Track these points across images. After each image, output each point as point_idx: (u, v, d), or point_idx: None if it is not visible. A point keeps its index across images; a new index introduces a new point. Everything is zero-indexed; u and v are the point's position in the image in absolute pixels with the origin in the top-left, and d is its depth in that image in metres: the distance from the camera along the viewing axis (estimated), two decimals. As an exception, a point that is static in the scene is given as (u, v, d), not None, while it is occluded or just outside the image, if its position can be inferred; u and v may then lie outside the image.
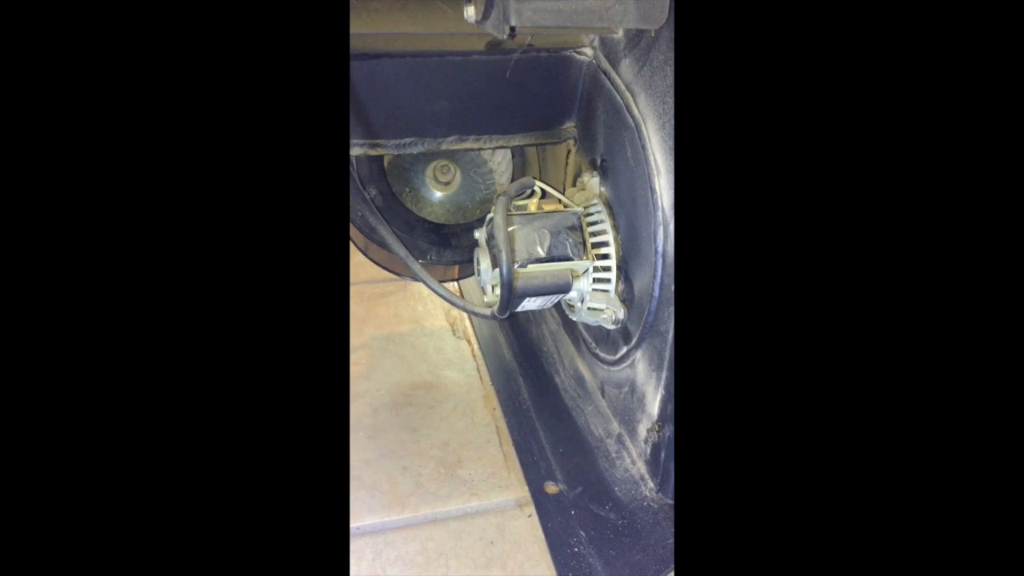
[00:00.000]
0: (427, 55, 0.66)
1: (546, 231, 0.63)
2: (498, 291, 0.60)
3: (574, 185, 0.75)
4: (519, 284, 0.63)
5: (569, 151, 0.79)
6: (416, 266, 0.65)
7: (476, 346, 0.97)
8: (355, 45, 0.63)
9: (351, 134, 0.68)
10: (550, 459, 0.75)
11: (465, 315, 1.05)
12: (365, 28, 0.66)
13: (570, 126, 0.77)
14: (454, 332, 1.01)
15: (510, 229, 0.63)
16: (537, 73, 0.70)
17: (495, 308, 0.64)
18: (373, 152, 0.71)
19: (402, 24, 0.68)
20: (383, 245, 0.77)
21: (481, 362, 0.94)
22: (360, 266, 1.06)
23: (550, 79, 0.71)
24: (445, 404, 0.85)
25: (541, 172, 0.89)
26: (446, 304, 0.98)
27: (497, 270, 0.59)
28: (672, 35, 0.52)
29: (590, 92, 0.70)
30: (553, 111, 0.75)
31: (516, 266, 0.62)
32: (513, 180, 0.89)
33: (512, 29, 0.46)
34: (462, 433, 0.80)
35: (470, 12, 0.48)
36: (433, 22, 0.69)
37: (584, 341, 0.81)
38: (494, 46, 0.67)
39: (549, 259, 0.63)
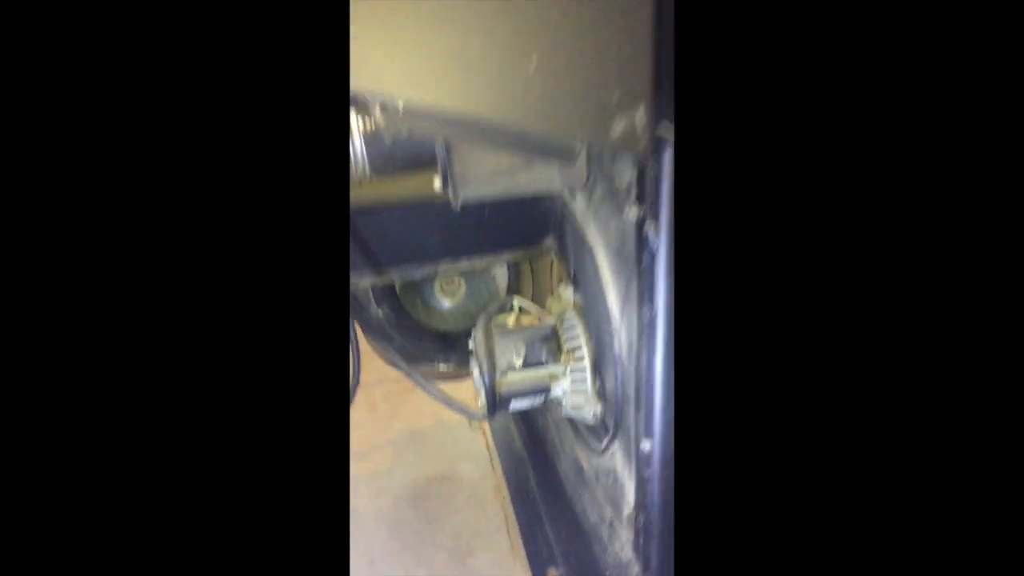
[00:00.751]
0: (420, 204, 0.79)
1: (522, 342, 0.73)
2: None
3: (553, 295, 0.85)
4: (503, 390, 0.72)
5: (552, 263, 0.90)
6: (416, 375, 0.75)
7: (490, 437, 1.06)
8: (360, 200, 0.78)
9: (362, 268, 0.81)
10: (552, 545, 0.81)
11: (482, 407, 1.14)
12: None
13: (549, 243, 0.88)
14: (470, 425, 1.10)
15: (492, 342, 0.73)
16: (516, 205, 0.82)
17: (484, 410, 0.73)
18: (380, 280, 0.84)
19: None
20: (391, 361, 0.89)
21: (494, 453, 1.02)
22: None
23: (527, 208, 0.83)
24: (460, 496, 0.93)
25: (533, 279, 1.00)
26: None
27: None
28: (604, 185, 0.63)
29: (560, 217, 0.82)
30: (533, 232, 0.86)
31: (498, 374, 0.72)
32: (509, 286, 1.00)
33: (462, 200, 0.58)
34: (474, 523, 0.88)
35: (436, 183, 0.61)
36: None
37: (580, 432, 0.88)
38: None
39: (526, 366, 0.72)
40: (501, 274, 1.01)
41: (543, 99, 0.37)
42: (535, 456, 0.97)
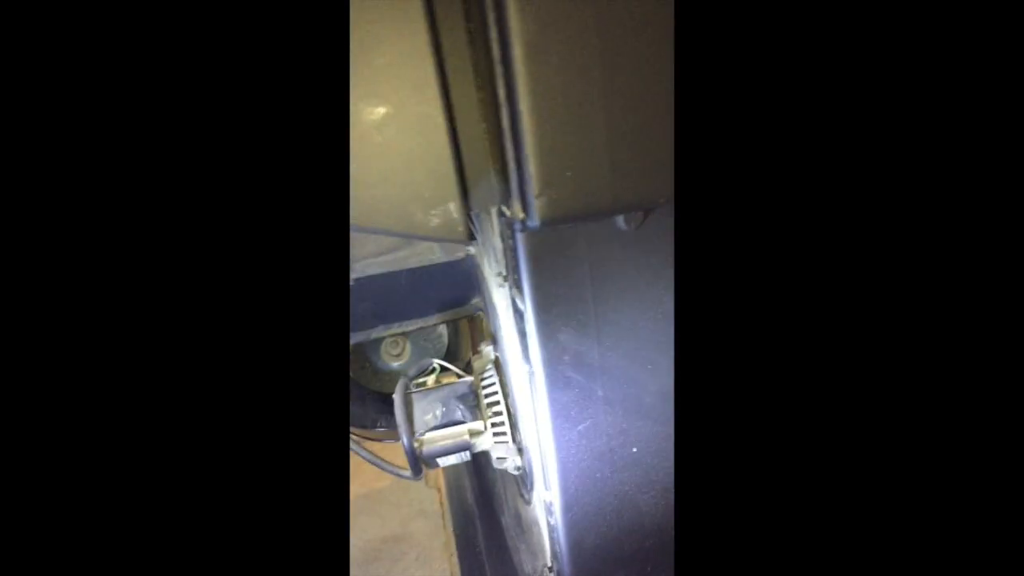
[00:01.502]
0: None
1: (438, 401, 0.77)
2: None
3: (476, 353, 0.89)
4: (424, 449, 0.76)
5: (482, 320, 0.95)
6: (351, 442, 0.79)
7: (444, 493, 1.08)
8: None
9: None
10: (493, 599, 0.83)
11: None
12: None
13: (476, 302, 0.93)
14: (426, 482, 1.13)
15: (410, 404, 0.77)
16: (435, 273, 0.88)
17: (410, 472, 0.77)
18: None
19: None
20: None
21: (447, 508, 1.04)
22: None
23: (447, 275, 0.88)
24: (409, 555, 0.95)
25: (472, 337, 1.05)
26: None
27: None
28: (486, 257, 0.69)
29: (478, 278, 0.87)
30: (459, 293, 0.92)
31: (416, 434, 0.75)
32: (448, 344, 1.05)
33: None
34: (420, 582, 0.90)
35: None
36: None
37: (517, 483, 0.91)
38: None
39: (443, 425, 0.76)
40: (442, 334, 1.06)
41: (372, 199, 0.42)
42: (483, 510, 1.00)
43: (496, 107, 0.42)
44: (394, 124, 0.39)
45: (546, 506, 0.67)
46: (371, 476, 1.17)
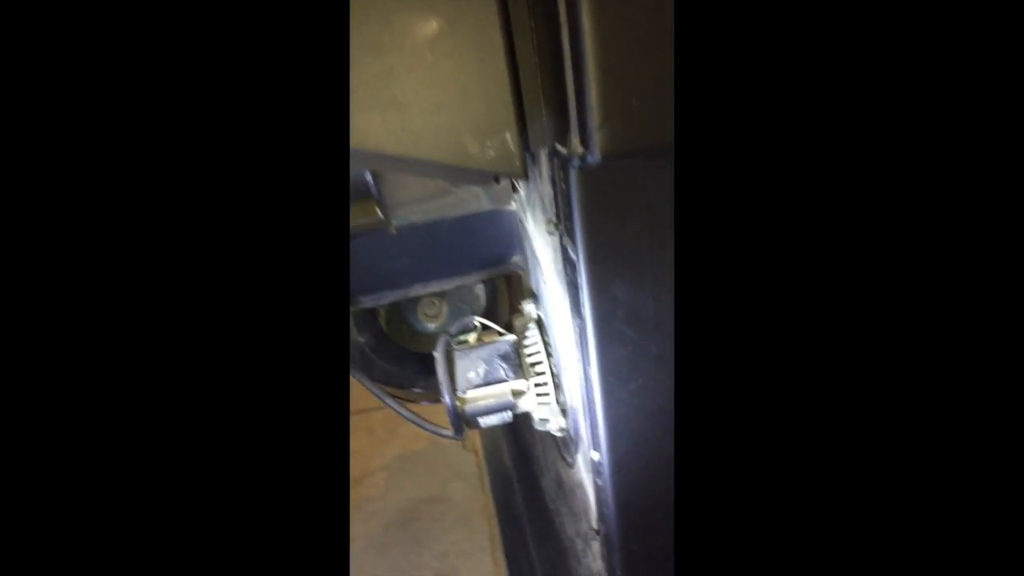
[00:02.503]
0: (376, 231, 0.83)
1: (481, 360, 0.74)
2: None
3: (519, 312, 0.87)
4: (466, 408, 0.74)
5: (521, 279, 0.92)
6: (384, 397, 0.78)
7: (481, 455, 1.07)
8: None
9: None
10: (534, 562, 0.82)
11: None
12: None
13: (516, 260, 0.90)
14: (464, 445, 1.12)
15: (452, 362, 0.75)
16: (478, 227, 0.85)
17: (452, 431, 0.75)
18: (355, 307, 0.87)
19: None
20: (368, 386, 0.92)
21: (484, 471, 1.03)
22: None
23: (489, 229, 0.85)
24: (448, 516, 0.95)
25: (511, 297, 1.02)
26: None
27: (446, 398, 0.71)
28: (533, 203, 0.65)
29: (520, 235, 0.84)
30: (498, 251, 0.88)
31: (458, 393, 0.73)
32: (487, 306, 1.02)
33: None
34: (460, 543, 0.89)
35: (377, 211, 0.64)
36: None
37: (558, 446, 0.89)
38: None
39: (487, 384, 0.74)
40: (480, 293, 1.03)
41: (422, 128, 0.39)
42: (522, 473, 0.98)
43: (555, 26, 0.38)
44: (448, 41, 0.36)
45: (593, 466, 0.65)
46: (408, 438, 1.17)
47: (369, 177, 0.60)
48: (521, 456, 1.02)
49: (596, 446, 0.62)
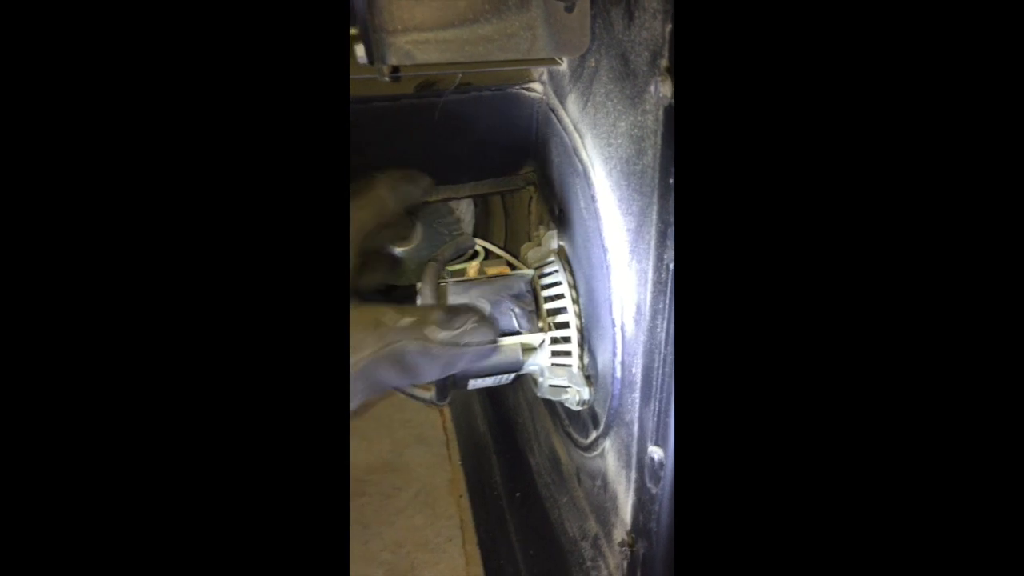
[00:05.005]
0: (352, 101, 0.57)
1: (484, 300, 0.53)
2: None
3: (531, 239, 0.65)
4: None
5: (531, 198, 0.69)
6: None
7: (448, 418, 0.87)
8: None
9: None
10: (519, 562, 0.63)
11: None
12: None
13: (528, 171, 0.67)
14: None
15: (444, 300, 0.53)
16: (483, 114, 0.61)
17: (433, 393, 0.53)
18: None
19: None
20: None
21: (452, 436, 0.83)
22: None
23: (499, 120, 0.62)
24: (404, 492, 0.74)
25: (507, 219, 0.79)
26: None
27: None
28: (611, 63, 0.42)
29: (544, 133, 0.61)
30: (506, 155, 0.65)
31: (449, 345, 0.51)
32: (476, 228, 0.80)
33: (394, 69, 0.37)
34: (420, 530, 0.69)
35: (360, 51, 0.40)
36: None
37: (559, 417, 0.69)
38: (425, 87, 0.58)
39: (489, 334, 0.52)
40: (466, 212, 0.80)
41: None
42: (502, 443, 0.78)
43: None
44: None
45: (648, 465, 0.45)
46: (355, 386, 0.96)
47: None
48: (501, 423, 0.82)
49: (661, 440, 0.43)
